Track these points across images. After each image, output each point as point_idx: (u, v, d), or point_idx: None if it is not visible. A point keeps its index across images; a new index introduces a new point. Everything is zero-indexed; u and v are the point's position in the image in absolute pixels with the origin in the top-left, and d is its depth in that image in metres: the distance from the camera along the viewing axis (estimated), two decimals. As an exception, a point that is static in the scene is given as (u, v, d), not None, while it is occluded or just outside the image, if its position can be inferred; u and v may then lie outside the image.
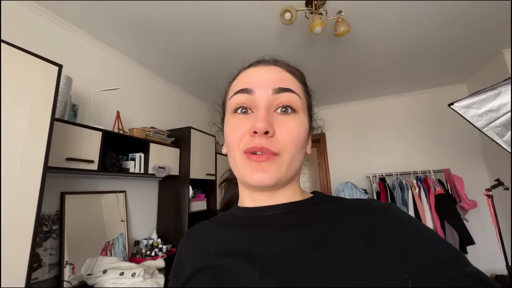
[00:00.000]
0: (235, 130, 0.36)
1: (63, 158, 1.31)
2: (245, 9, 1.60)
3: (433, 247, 0.26)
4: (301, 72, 0.42)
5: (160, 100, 2.51)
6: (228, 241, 0.36)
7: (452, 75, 2.68)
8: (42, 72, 1.09)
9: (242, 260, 0.32)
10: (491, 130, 1.38)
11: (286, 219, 0.35)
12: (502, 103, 1.31)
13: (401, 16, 1.72)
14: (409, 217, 0.30)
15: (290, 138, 0.34)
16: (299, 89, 0.38)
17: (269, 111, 0.35)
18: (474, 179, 2.60)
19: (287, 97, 0.35)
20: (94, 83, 1.79)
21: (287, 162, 0.34)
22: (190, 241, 0.42)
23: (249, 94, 0.36)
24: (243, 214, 0.39)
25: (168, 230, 2.17)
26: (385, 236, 0.28)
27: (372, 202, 0.33)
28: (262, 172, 0.33)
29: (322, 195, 0.39)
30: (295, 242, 0.31)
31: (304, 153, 0.38)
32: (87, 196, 1.69)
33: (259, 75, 0.37)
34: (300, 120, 0.36)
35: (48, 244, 1.44)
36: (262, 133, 0.33)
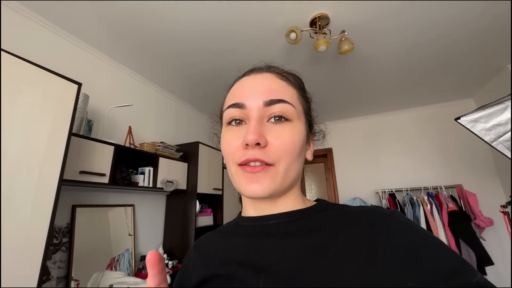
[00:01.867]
0: (229, 144, 0.36)
1: (76, 171, 1.35)
2: (252, 30, 1.69)
3: (439, 255, 0.26)
4: (296, 76, 0.42)
5: (170, 116, 2.59)
6: (232, 251, 0.36)
7: (459, 90, 2.68)
8: (63, 89, 1.17)
9: (245, 269, 0.32)
10: (501, 144, 1.36)
11: (288, 227, 0.35)
12: (510, 117, 1.30)
13: (406, 35, 1.77)
14: (413, 225, 0.30)
15: (284, 147, 0.34)
16: (293, 97, 0.37)
17: (261, 122, 0.35)
18: (488, 195, 2.51)
19: (279, 108, 0.35)
20: (108, 100, 1.88)
21: (282, 172, 0.34)
22: (197, 253, 0.42)
23: (241, 108, 0.36)
24: (246, 223, 0.39)
25: (175, 245, 2.16)
26: (388, 244, 0.28)
27: (376, 209, 0.33)
28: (256, 184, 0.33)
29: (326, 202, 0.39)
30: (298, 250, 0.31)
31: (302, 160, 0.38)
32: (96, 210, 1.72)
33: (251, 87, 0.37)
34: (294, 129, 0.35)
35: (57, 257, 1.45)
36: (253, 145, 0.33)
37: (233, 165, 0.36)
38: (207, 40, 1.79)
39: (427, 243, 0.27)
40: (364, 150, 3.24)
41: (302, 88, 0.41)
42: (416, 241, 0.27)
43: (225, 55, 1.97)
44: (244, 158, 0.34)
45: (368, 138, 3.27)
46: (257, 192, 0.33)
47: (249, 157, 0.33)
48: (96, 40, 1.77)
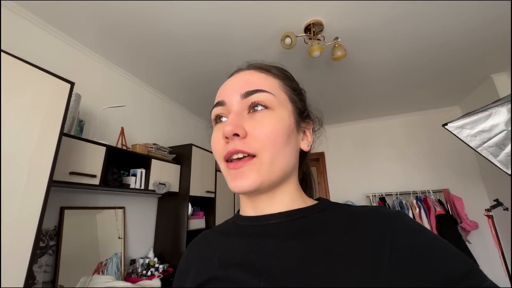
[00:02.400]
0: (215, 141, 0.36)
1: (66, 172, 1.32)
2: (247, 34, 1.71)
3: (447, 259, 0.25)
4: (279, 68, 0.41)
5: (163, 117, 2.57)
6: (231, 252, 0.35)
7: (446, 98, 2.78)
8: (55, 88, 1.15)
9: (245, 271, 0.31)
10: (485, 150, 1.42)
11: (289, 227, 0.34)
12: (493, 123, 1.36)
13: (397, 42, 1.83)
14: (419, 226, 0.29)
15: (264, 135, 0.33)
16: (272, 85, 0.37)
17: (240, 114, 0.34)
18: (473, 199, 2.60)
19: (256, 97, 0.35)
20: (101, 100, 1.86)
21: (267, 163, 0.33)
22: (194, 253, 0.42)
23: (223, 105, 0.37)
24: (245, 223, 0.38)
25: (166, 249, 2.12)
26: (394, 247, 0.27)
27: (380, 210, 0.32)
28: (240, 179, 0.32)
29: (327, 201, 0.37)
30: (299, 252, 0.30)
31: (292, 150, 0.36)
32: (86, 212, 1.68)
33: (230, 85, 0.38)
34: (275, 116, 0.34)
35: (43, 261, 1.40)
36: (231, 135, 0.32)
37: (221, 162, 0.36)
38: (203, 43, 1.80)
39: (434, 246, 0.26)
40: (355, 154, 3.31)
41: (287, 78, 0.41)
42: (422, 244, 0.26)
43: (220, 58, 1.98)
44: (226, 152, 0.33)
45: (359, 142, 3.34)
46: (243, 187, 0.32)
47: (229, 149, 0.33)
48: (90, 39, 1.75)
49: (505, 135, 1.35)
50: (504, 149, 1.36)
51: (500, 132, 1.36)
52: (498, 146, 1.37)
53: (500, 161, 1.38)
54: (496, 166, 1.39)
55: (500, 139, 1.36)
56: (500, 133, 1.36)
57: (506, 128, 1.33)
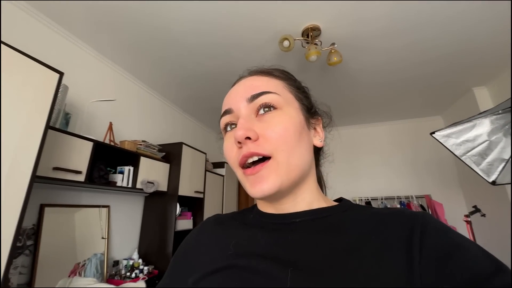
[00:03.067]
0: (228, 149, 0.36)
1: (50, 167, 1.25)
2: (245, 34, 1.71)
3: (475, 258, 0.25)
4: (280, 69, 0.41)
5: (153, 114, 2.50)
6: (252, 243, 0.34)
7: (430, 108, 2.92)
8: (43, 78, 1.08)
9: (269, 262, 0.30)
10: (468, 159, 1.49)
11: (315, 225, 0.34)
12: (477, 134, 1.44)
13: (388, 52, 1.90)
14: (446, 227, 0.29)
15: (276, 135, 0.33)
16: (277, 86, 0.37)
17: (249, 118, 0.34)
18: (452, 205, 2.73)
19: (263, 99, 0.35)
20: (89, 93, 1.77)
21: (284, 162, 0.32)
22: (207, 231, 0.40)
23: (230, 113, 0.37)
24: (268, 220, 0.37)
25: (151, 250, 2.05)
26: (423, 244, 0.27)
27: (405, 211, 0.32)
28: (260, 183, 0.32)
29: (349, 202, 0.38)
30: (327, 248, 0.30)
31: (306, 147, 0.36)
32: (68, 210, 1.59)
33: (235, 92, 0.38)
34: (284, 115, 0.34)
35: (19, 262, 1.31)
36: (243, 139, 0.32)
37: (237, 169, 0.35)
38: (199, 41, 1.77)
39: (462, 246, 0.26)
40: (343, 158, 3.38)
41: (290, 78, 0.41)
42: (452, 242, 0.27)
43: (216, 58, 1.96)
44: (241, 156, 0.33)
45: (347, 148, 3.41)
46: (263, 191, 0.32)
47: (244, 153, 0.33)
48: (81, 30, 1.67)
49: (487, 145, 1.43)
50: (486, 159, 1.44)
51: (483, 142, 1.43)
52: (481, 155, 1.45)
53: (482, 169, 1.46)
54: (478, 174, 1.47)
55: (482, 149, 1.44)
56: (483, 143, 1.43)
57: (489, 139, 1.41)
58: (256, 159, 0.33)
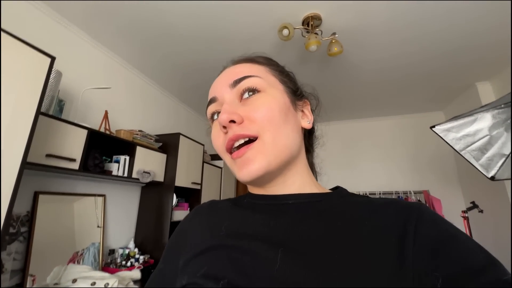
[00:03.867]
0: (215, 136, 0.36)
1: (43, 154, 1.23)
2: (244, 22, 1.66)
3: (469, 250, 0.25)
4: (263, 56, 0.41)
5: (150, 104, 2.47)
6: (243, 224, 0.34)
7: (431, 103, 2.88)
8: (34, 62, 1.05)
9: (260, 242, 0.30)
10: (468, 153, 1.47)
11: (309, 208, 0.33)
12: (478, 128, 1.41)
13: (390, 44, 1.85)
14: (442, 218, 0.29)
15: (261, 116, 0.33)
16: (259, 71, 0.37)
17: (233, 103, 0.34)
18: (451, 201, 2.72)
19: (245, 84, 0.35)
20: (84, 81, 1.74)
21: (270, 142, 0.32)
22: (199, 216, 0.40)
23: (215, 102, 0.37)
24: (261, 201, 0.37)
25: (147, 239, 2.06)
26: (418, 234, 0.27)
27: (401, 201, 0.32)
28: (247, 166, 0.32)
29: (345, 190, 0.37)
30: (319, 231, 0.30)
31: (293, 128, 0.36)
32: (62, 198, 1.58)
33: (219, 81, 0.38)
34: (267, 96, 0.34)
35: (13, 248, 1.31)
36: (227, 122, 0.32)
37: (225, 155, 0.35)
38: (197, 27, 1.72)
39: (457, 237, 0.26)
40: (342, 152, 3.36)
41: (273, 64, 0.40)
42: (446, 233, 0.27)
43: (214, 46, 1.92)
44: (227, 140, 0.33)
45: (346, 142, 3.39)
46: (251, 173, 0.32)
47: (230, 137, 0.32)
48: (76, 15, 1.62)
49: (488, 140, 1.40)
50: (486, 154, 1.41)
51: (483, 137, 1.41)
52: (481, 150, 1.43)
53: (481, 164, 1.44)
54: (477, 169, 1.45)
55: (483, 144, 1.41)
56: (483, 138, 1.41)
57: (489, 134, 1.38)
58: (242, 141, 0.33)
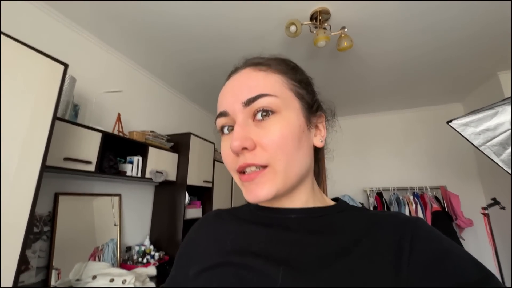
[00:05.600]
0: (225, 152, 0.35)
1: (60, 157, 1.29)
2: (251, 19, 1.64)
3: (464, 265, 0.25)
4: (280, 59, 0.38)
5: (161, 104, 2.51)
6: (247, 239, 0.35)
7: (449, 94, 2.74)
8: (48, 70, 1.09)
9: (262, 260, 0.31)
10: (488, 149, 1.40)
11: (310, 224, 0.34)
12: (499, 122, 1.34)
13: (403, 36, 1.78)
14: (438, 233, 0.29)
15: (274, 145, 0.31)
16: (274, 85, 0.34)
17: (246, 124, 0.33)
18: (470, 197, 2.61)
19: (259, 104, 0.32)
20: (97, 85, 1.79)
21: (281, 171, 0.32)
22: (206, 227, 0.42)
23: (226, 116, 0.35)
24: (263, 213, 0.38)
25: (162, 237, 2.12)
26: (413, 249, 0.27)
27: (399, 215, 0.33)
28: (255, 191, 0.32)
29: (345, 203, 0.38)
30: (319, 249, 0.31)
31: (305, 151, 0.35)
32: (81, 198, 1.66)
33: (230, 91, 0.35)
34: (282, 121, 0.32)
35: (37, 247, 1.39)
36: (240, 151, 0.31)
37: (234, 173, 0.35)
38: (204, 26, 1.72)
39: (452, 253, 0.26)
40: (354, 148, 3.29)
41: (291, 69, 0.37)
42: (441, 249, 0.27)
43: (221, 44, 1.91)
44: (237, 166, 0.33)
45: (359, 137, 3.31)
46: (259, 198, 0.32)
47: (240, 164, 0.32)
48: (86, 20, 1.67)
49: (510, 135, 1.33)
50: (508, 149, 1.34)
51: (505, 131, 1.33)
52: (502, 145, 1.35)
53: (502, 160, 1.37)
54: (498, 165, 1.38)
55: (504, 138, 1.34)
56: (505, 132, 1.33)
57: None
58: (254, 169, 0.32)
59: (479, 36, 1.79)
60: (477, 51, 1.96)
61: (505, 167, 1.37)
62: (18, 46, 1.01)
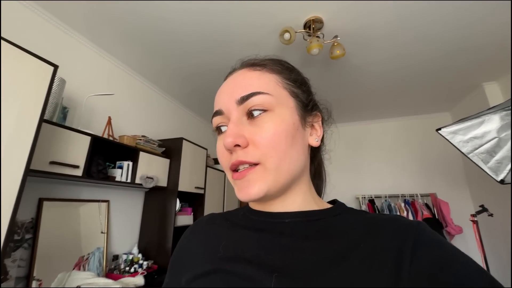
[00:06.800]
0: (219, 152, 0.35)
1: (46, 161, 1.24)
2: (245, 25, 1.66)
3: (468, 272, 0.25)
4: (275, 60, 0.38)
5: (153, 109, 2.48)
6: (240, 245, 0.34)
7: (438, 104, 2.83)
8: (37, 71, 1.06)
9: (255, 267, 0.30)
10: (476, 156, 1.43)
11: (304, 228, 0.33)
12: (486, 130, 1.38)
13: (394, 46, 1.83)
14: (440, 238, 0.28)
15: (265, 142, 0.31)
16: (268, 83, 0.34)
17: (239, 122, 0.33)
18: (459, 204, 2.66)
19: (253, 102, 0.33)
20: (87, 87, 1.76)
21: (272, 169, 0.31)
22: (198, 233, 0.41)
23: (221, 114, 0.35)
24: (257, 217, 0.37)
25: (151, 245, 2.05)
26: (414, 256, 0.26)
27: (400, 219, 0.31)
28: (247, 189, 0.32)
29: (343, 205, 0.36)
30: (314, 254, 0.29)
31: (299, 150, 0.34)
32: (67, 204, 1.59)
33: (225, 91, 0.36)
34: (275, 118, 0.32)
35: (18, 255, 1.32)
36: (232, 147, 0.32)
37: (228, 171, 0.35)
38: (198, 32, 1.73)
39: (455, 259, 0.25)
40: (346, 155, 3.32)
41: (286, 69, 0.37)
42: (444, 255, 0.26)
43: (215, 50, 1.92)
44: (230, 164, 0.33)
45: (351, 144, 3.35)
46: (249, 196, 0.31)
47: (233, 161, 0.32)
48: (78, 22, 1.65)
49: (496, 143, 1.37)
50: (495, 156, 1.38)
51: (492, 139, 1.37)
52: (489, 153, 1.39)
53: (490, 167, 1.40)
54: (486, 172, 1.41)
55: (491, 146, 1.38)
56: (492, 140, 1.37)
57: (498, 136, 1.35)
58: (247, 166, 0.32)
59: (465, 49, 1.86)
60: (463, 62, 2.04)
61: (492, 174, 1.40)
62: (5, 45, 0.98)
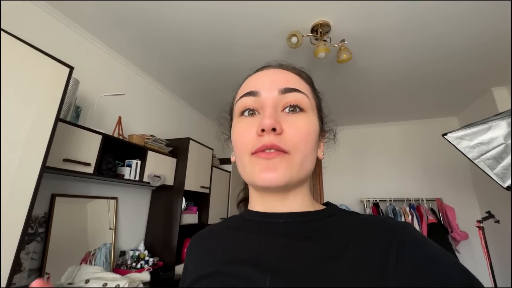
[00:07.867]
0: (243, 133, 0.35)
1: (60, 158, 1.29)
2: (254, 28, 1.69)
3: (449, 271, 0.25)
4: (307, 74, 0.42)
5: (161, 109, 2.54)
6: (237, 247, 0.35)
7: (445, 108, 2.80)
8: (53, 72, 1.11)
9: (251, 267, 0.31)
10: (482, 162, 1.43)
11: (298, 229, 0.34)
12: (492, 136, 1.37)
13: (401, 50, 1.83)
14: (425, 239, 0.29)
15: (299, 136, 0.33)
16: (306, 90, 0.37)
17: (276, 110, 0.34)
18: (465, 210, 2.63)
19: (294, 97, 0.35)
20: (99, 87, 1.81)
21: (297, 163, 0.33)
22: (198, 243, 0.42)
23: (255, 96, 0.35)
24: (253, 218, 0.38)
25: (157, 242, 2.10)
26: (399, 256, 0.27)
27: (388, 220, 0.32)
28: (271, 171, 0.31)
29: (336, 207, 0.38)
30: (306, 254, 0.31)
31: (315, 156, 0.37)
32: (77, 200, 1.64)
33: (266, 77, 0.37)
34: (309, 119, 0.35)
35: (31, 248, 1.37)
36: (270, 129, 0.31)
37: (246, 155, 0.34)
38: (206, 32, 1.76)
39: (438, 259, 0.26)
40: (351, 158, 3.31)
41: (313, 85, 0.42)
42: (427, 255, 0.27)
43: (223, 52, 1.95)
44: (260, 145, 0.32)
45: (356, 147, 3.34)
46: (272, 180, 0.31)
47: (265, 143, 0.32)
48: (91, 24, 1.70)
49: (503, 149, 1.36)
50: (501, 163, 1.37)
51: (499, 146, 1.36)
52: (496, 159, 1.38)
53: (496, 174, 1.39)
54: (492, 179, 1.40)
55: (498, 152, 1.37)
56: (499, 147, 1.36)
57: (505, 142, 1.34)
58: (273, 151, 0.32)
59: (474, 52, 1.85)
60: (472, 66, 2.02)
61: (499, 181, 1.39)
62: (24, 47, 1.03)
